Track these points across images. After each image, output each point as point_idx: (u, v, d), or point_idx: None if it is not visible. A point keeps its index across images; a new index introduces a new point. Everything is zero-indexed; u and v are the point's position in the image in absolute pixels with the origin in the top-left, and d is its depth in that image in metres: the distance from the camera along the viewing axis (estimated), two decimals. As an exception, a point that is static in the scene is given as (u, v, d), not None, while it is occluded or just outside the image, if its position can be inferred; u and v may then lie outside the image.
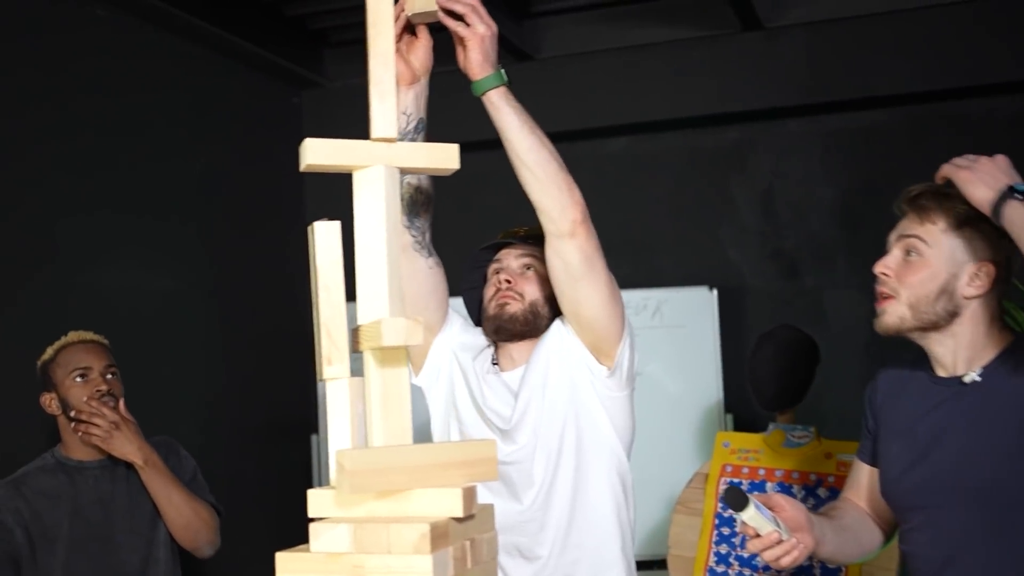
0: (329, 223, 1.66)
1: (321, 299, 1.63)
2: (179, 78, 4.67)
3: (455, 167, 1.70)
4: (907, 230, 1.95)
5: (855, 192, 4.96)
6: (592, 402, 2.26)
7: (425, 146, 1.67)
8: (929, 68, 4.70)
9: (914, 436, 1.96)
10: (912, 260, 1.93)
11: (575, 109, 5.17)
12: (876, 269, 1.97)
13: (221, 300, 4.83)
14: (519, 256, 2.38)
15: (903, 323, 1.93)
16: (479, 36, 1.97)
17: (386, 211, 1.62)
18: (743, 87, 4.96)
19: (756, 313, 5.02)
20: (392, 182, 1.64)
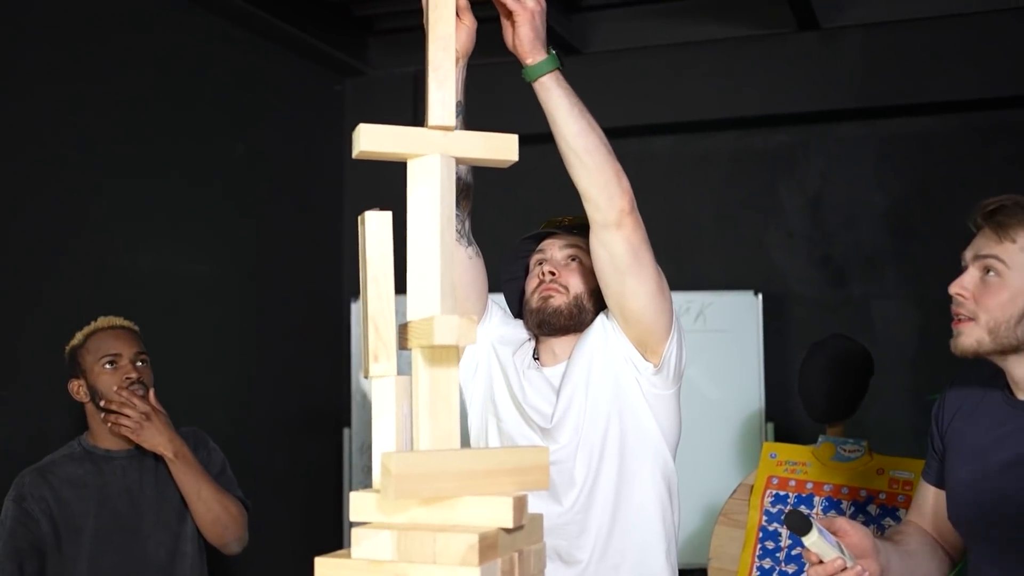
0: (381, 213, 1.58)
1: (370, 292, 1.55)
2: (222, 61, 4.63)
3: (514, 159, 1.62)
4: (984, 249, 1.84)
5: (907, 200, 4.84)
6: (637, 400, 2.18)
7: (484, 136, 1.59)
8: (988, 75, 4.58)
9: (986, 461, 1.86)
10: (990, 281, 1.82)
11: (622, 106, 5.07)
12: (952, 290, 1.86)
13: (256, 287, 4.78)
14: (564, 247, 2.31)
15: (980, 346, 1.83)
16: (529, 11, 1.89)
17: (441, 203, 1.54)
18: (796, 88, 4.85)
19: (801, 320, 4.91)
20: (448, 173, 1.56)
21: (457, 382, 1.49)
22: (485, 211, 2.65)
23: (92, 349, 2.72)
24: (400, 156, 1.57)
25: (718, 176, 5.11)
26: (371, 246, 1.57)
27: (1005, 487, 1.82)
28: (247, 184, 4.76)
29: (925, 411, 4.57)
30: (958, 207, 4.76)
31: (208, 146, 4.51)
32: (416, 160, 1.56)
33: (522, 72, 1.92)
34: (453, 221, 1.59)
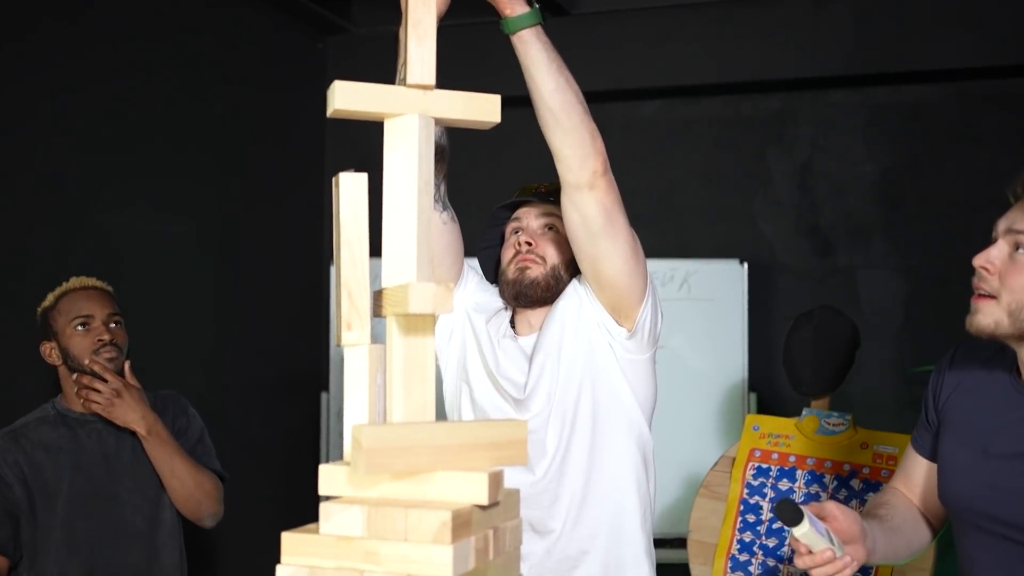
0: (355, 174, 1.52)
1: (343, 257, 1.49)
2: (200, 17, 4.51)
3: (496, 120, 1.55)
4: (1019, 223, 1.73)
5: (897, 170, 4.78)
6: (611, 366, 2.14)
7: (464, 95, 1.52)
8: (982, 44, 4.51)
9: (988, 447, 1.79)
10: (1019, 258, 1.70)
11: (609, 68, 5.00)
12: (977, 262, 1.74)
13: (235, 248, 4.70)
14: (540, 215, 2.26)
15: (998, 328, 1.72)
16: None
17: (419, 165, 1.47)
18: (787, 54, 4.77)
19: (786, 290, 4.86)
20: (427, 134, 1.49)
21: (433, 352, 1.44)
22: (462, 175, 2.58)
23: (64, 311, 2.65)
24: (377, 115, 1.50)
25: (706, 142, 5.04)
26: (345, 209, 1.50)
27: (1008, 479, 1.74)
28: (225, 144, 4.67)
29: (909, 383, 4.57)
30: (948, 178, 4.77)
31: (185, 104, 4.41)
32: (393, 120, 1.49)
33: (501, 24, 1.85)
34: (431, 185, 1.52)
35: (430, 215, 1.51)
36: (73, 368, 2.65)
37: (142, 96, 4.15)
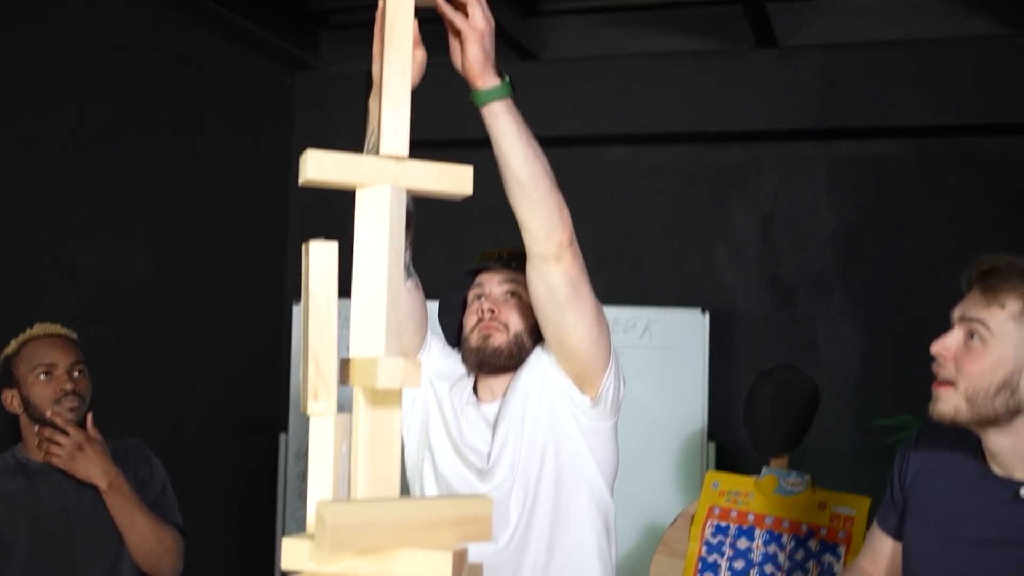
0: (325, 243, 1.51)
1: (312, 326, 1.47)
2: (167, 52, 4.49)
3: (468, 192, 1.55)
4: (971, 311, 1.77)
5: (858, 223, 4.84)
6: (573, 434, 2.14)
7: (437, 166, 1.52)
8: (943, 102, 4.59)
9: (954, 531, 1.81)
10: (974, 346, 1.74)
11: (576, 114, 5.03)
12: (933, 349, 1.79)
13: (196, 286, 4.66)
14: (502, 282, 2.25)
15: (958, 414, 1.75)
16: (479, 31, 1.79)
17: (390, 236, 1.46)
18: (752, 105, 4.82)
19: (747, 339, 4.89)
20: (398, 204, 1.49)
21: (399, 425, 1.43)
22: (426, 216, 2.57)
23: (26, 358, 2.60)
24: (349, 185, 1.50)
25: (670, 190, 5.07)
26: (315, 278, 1.49)
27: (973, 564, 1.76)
28: (190, 180, 4.63)
29: (867, 435, 4.60)
30: (907, 232, 4.82)
31: (150, 140, 4.37)
32: (365, 190, 1.49)
33: (471, 95, 1.84)
34: (402, 255, 1.52)
35: (400, 286, 1.51)
36: (34, 418, 2.61)
37: (105, 129, 4.12)
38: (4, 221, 3.67)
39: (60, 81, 3.91)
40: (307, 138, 5.38)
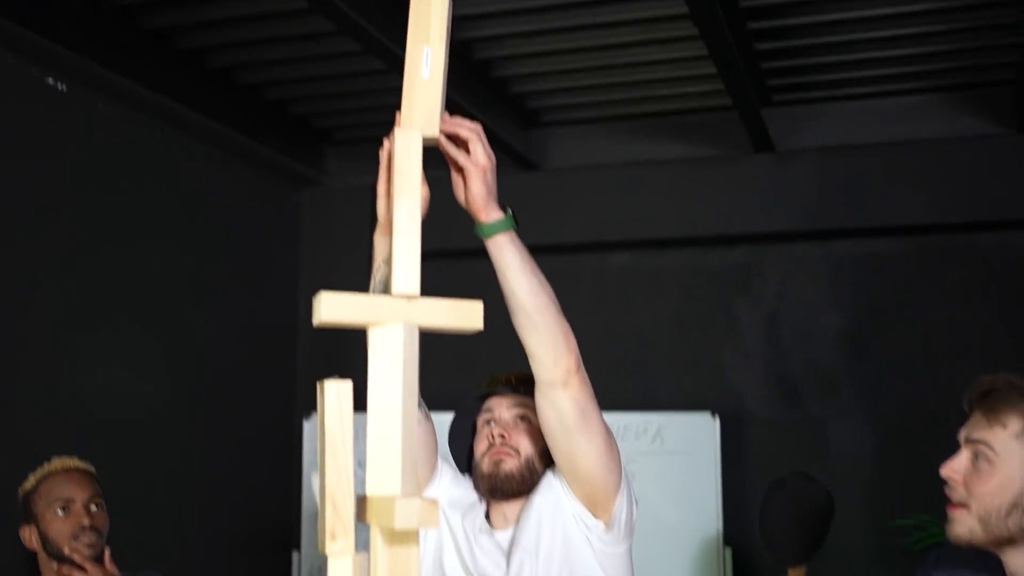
0: (340, 382, 1.54)
1: (328, 466, 1.49)
2: (176, 171, 4.59)
3: (479, 327, 1.58)
4: (975, 432, 1.79)
5: (861, 320, 4.87)
6: (588, 560, 2.12)
7: (447, 303, 1.55)
8: (941, 200, 4.65)
9: None
10: (981, 467, 1.76)
11: (580, 221, 5.10)
12: (943, 472, 1.80)
13: (206, 404, 4.68)
14: (511, 406, 2.25)
15: (973, 536, 1.75)
16: (480, 167, 1.83)
17: (404, 375, 1.49)
18: (751, 208, 4.89)
19: (758, 441, 4.88)
20: (411, 342, 1.52)
21: (417, 563, 1.44)
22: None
23: (44, 494, 2.61)
24: (362, 325, 1.53)
25: (675, 293, 5.12)
26: (330, 417, 1.51)
27: None
28: (199, 297, 4.69)
29: (885, 535, 4.56)
30: (910, 329, 4.84)
31: (158, 259, 4.44)
32: (378, 329, 1.52)
33: (475, 228, 1.88)
34: (416, 393, 1.54)
35: (414, 424, 1.53)
36: (52, 554, 2.60)
37: (113, 252, 4.19)
38: (16, 353, 3.70)
39: (70, 210, 3.99)
40: (313, 252, 5.45)
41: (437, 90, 1.66)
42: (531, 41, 4.19)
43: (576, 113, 5.03)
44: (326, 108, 5.04)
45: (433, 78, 1.66)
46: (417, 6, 1.68)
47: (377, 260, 1.92)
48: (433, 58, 1.66)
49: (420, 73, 1.65)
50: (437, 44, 1.66)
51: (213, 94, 4.51)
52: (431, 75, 1.65)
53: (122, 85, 4.02)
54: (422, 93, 1.64)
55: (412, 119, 1.63)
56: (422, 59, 1.65)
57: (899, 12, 3.87)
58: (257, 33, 4.13)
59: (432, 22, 1.66)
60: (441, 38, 1.66)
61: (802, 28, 4.01)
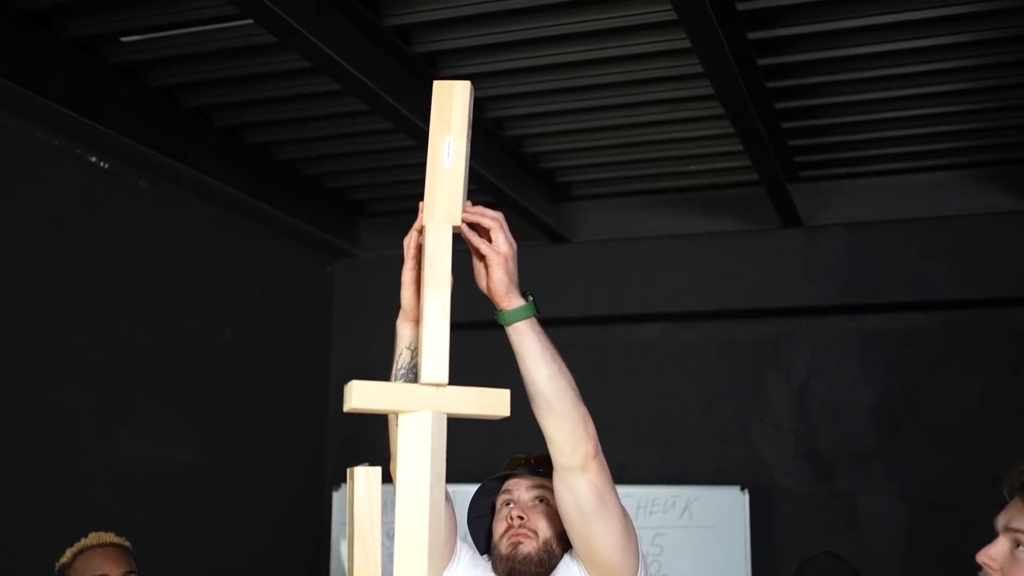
0: (370, 468, 1.58)
1: (356, 550, 1.54)
2: (211, 246, 4.68)
3: (505, 414, 1.62)
4: (1016, 521, 1.77)
5: (893, 395, 4.85)
6: None
7: (475, 391, 1.59)
8: (970, 276, 4.66)
9: None
10: (1020, 556, 1.75)
11: (609, 294, 5.14)
12: (979, 558, 1.78)
13: (238, 475, 4.72)
14: (530, 488, 2.26)
15: None
16: (502, 255, 1.85)
17: (431, 460, 1.53)
18: (780, 283, 4.92)
19: (788, 516, 4.86)
20: (439, 428, 1.56)
21: (442, 648, 1.46)
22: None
23: (80, 569, 2.65)
24: (392, 411, 1.58)
25: (704, 366, 5.13)
26: (359, 503, 1.56)
27: None
28: (233, 368, 4.75)
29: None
30: (942, 404, 4.82)
31: (194, 333, 4.52)
32: (408, 416, 1.56)
33: (496, 314, 1.91)
34: (443, 478, 1.58)
35: (441, 509, 1.56)
36: None
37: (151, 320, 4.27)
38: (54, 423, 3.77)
39: (109, 282, 4.08)
40: (346, 322, 5.52)
41: (459, 179, 1.70)
42: (561, 119, 4.27)
43: (606, 187, 5.09)
44: (360, 182, 5.13)
45: (455, 167, 1.70)
46: (439, 98, 1.72)
47: (399, 346, 1.95)
48: (455, 148, 1.70)
49: (442, 163, 1.69)
50: (459, 134, 1.71)
51: (251, 169, 4.61)
52: (453, 164, 1.69)
53: (162, 162, 4.13)
54: (444, 182, 1.68)
55: (435, 208, 1.67)
56: (444, 149, 1.70)
57: (924, 93, 3.91)
58: (293, 112, 4.23)
59: (454, 113, 1.71)
60: (463, 129, 1.71)
61: (828, 108, 4.07)
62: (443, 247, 1.62)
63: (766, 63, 3.63)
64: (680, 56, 3.58)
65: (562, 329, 5.24)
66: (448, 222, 1.65)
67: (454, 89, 1.71)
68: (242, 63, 3.79)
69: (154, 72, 3.88)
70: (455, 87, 1.71)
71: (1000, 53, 3.59)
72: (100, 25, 3.50)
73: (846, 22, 3.41)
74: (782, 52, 3.60)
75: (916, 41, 3.52)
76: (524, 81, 3.92)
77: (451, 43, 3.61)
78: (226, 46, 3.64)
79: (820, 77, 3.80)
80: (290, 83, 3.96)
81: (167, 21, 3.46)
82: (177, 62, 3.79)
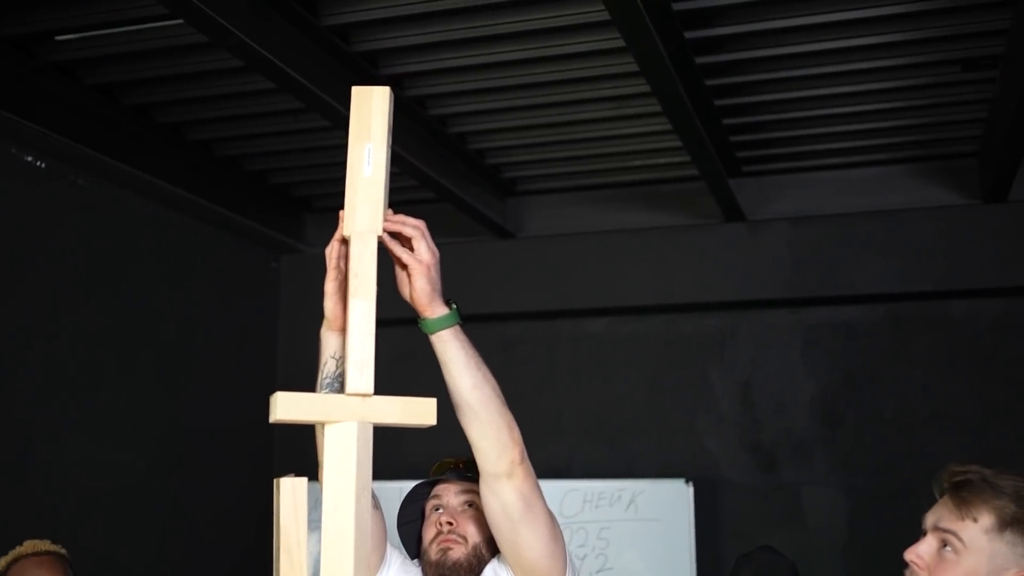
0: (296, 479, 1.58)
1: (282, 562, 1.54)
2: (155, 244, 4.64)
3: (432, 423, 1.62)
4: (944, 521, 1.80)
5: (835, 387, 4.92)
6: None
7: (400, 401, 1.59)
8: (911, 269, 4.73)
9: None
10: (947, 556, 1.77)
11: (555, 289, 5.16)
12: (907, 556, 1.81)
13: (183, 474, 4.68)
14: (459, 492, 2.27)
15: None
16: (424, 264, 1.84)
17: (357, 472, 1.54)
18: (725, 276, 4.96)
19: (732, 507, 4.91)
20: (365, 439, 1.56)
21: (368, 658, 1.47)
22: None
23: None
24: (318, 422, 1.58)
25: (650, 360, 5.16)
26: (285, 515, 1.55)
27: None
28: (178, 366, 4.72)
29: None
30: (883, 396, 4.89)
31: (139, 329, 4.47)
32: (333, 426, 1.56)
33: (419, 323, 1.91)
34: (369, 488, 1.58)
35: (368, 519, 1.57)
36: None
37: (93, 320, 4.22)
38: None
39: (48, 281, 4.03)
40: (292, 317, 5.49)
41: (380, 187, 1.66)
42: (505, 116, 4.28)
43: (551, 183, 5.10)
44: (304, 178, 5.11)
45: (376, 175, 1.66)
46: (358, 104, 1.68)
47: (324, 355, 1.95)
48: (375, 156, 1.67)
49: (363, 171, 1.66)
50: (379, 141, 1.67)
51: (193, 166, 4.58)
52: (374, 172, 1.66)
53: (100, 161, 4.09)
54: (366, 191, 1.65)
55: (356, 218, 1.64)
56: (364, 157, 1.66)
57: (863, 90, 3.96)
58: (236, 109, 4.20)
59: (374, 120, 1.68)
60: (383, 135, 1.68)
61: (769, 104, 4.11)
62: (368, 257, 1.61)
63: (705, 61, 3.66)
64: (619, 54, 3.60)
65: (509, 324, 5.27)
66: (372, 232, 1.64)
67: (373, 95, 1.68)
68: (182, 61, 3.75)
69: (91, 70, 3.84)
70: (374, 93, 1.68)
71: (933, 52, 3.65)
72: (34, 23, 3.46)
73: (783, 21, 3.45)
74: (721, 51, 3.63)
75: (853, 40, 3.57)
76: (466, 79, 3.92)
77: (392, 42, 3.60)
78: (165, 44, 3.61)
79: (760, 75, 3.84)
80: (231, 80, 3.93)
81: (103, 20, 3.43)
82: (115, 60, 3.75)
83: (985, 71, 3.77)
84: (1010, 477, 1.78)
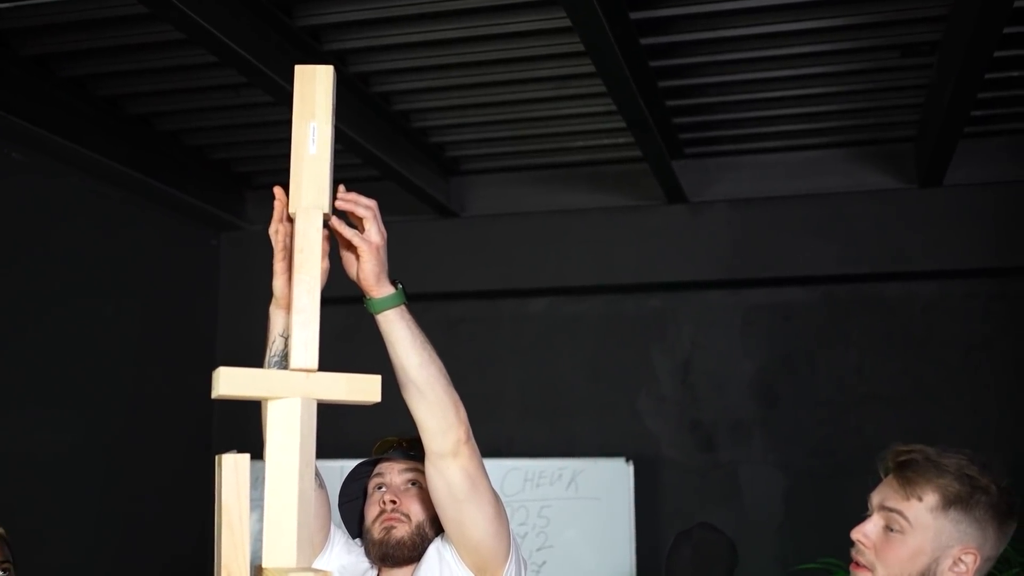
0: (238, 456, 1.57)
1: (224, 539, 1.53)
2: (94, 220, 4.57)
3: (376, 399, 1.62)
4: (889, 501, 1.83)
5: (773, 368, 4.99)
6: None
7: (345, 377, 1.59)
8: (848, 251, 4.80)
9: None
10: (893, 536, 1.80)
11: (498, 268, 5.17)
12: (853, 535, 1.83)
13: (124, 454, 4.63)
14: (403, 471, 2.26)
15: None
16: (373, 245, 1.83)
17: (301, 448, 1.53)
18: (666, 257, 5.00)
19: (672, 486, 4.96)
20: (309, 415, 1.56)
21: (310, 633, 1.47)
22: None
23: None
24: (261, 398, 1.57)
25: (591, 339, 5.20)
26: (227, 492, 1.54)
27: None
28: (115, 345, 4.65)
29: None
30: (821, 375, 4.98)
31: (74, 309, 4.40)
32: (277, 402, 1.55)
33: (365, 303, 1.91)
34: (312, 465, 1.58)
35: (311, 496, 1.56)
36: None
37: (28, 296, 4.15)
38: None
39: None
40: (232, 294, 5.44)
41: (325, 165, 1.66)
42: (448, 94, 4.26)
43: (494, 162, 5.10)
44: (246, 154, 5.06)
45: (320, 153, 1.65)
46: (302, 83, 1.68)
47: (272, 333, 1.94)
48: (320, 133, 1.66)
49: (307, 149, 1.65)
50: (323, 120, 1.66)
51: (132, 141, 4.50)
52: (319, 150, 1.65)
53: (36, 134, 4.01)
54: (310, 169, 1.64)
55: (301, 195, 1.64)
56: (309, 135, 1.65)
57: (803, 74, 4.00)
58: (176, 83, 4.14)
59: (317, 98, 1.67)
60: (327, 114, 1.67)
61: (711, 86, 4.14)
62: (313, 233, 1.61)
63: (649, 43, 3.67)
64: (564, 34, 3.60)
65: (452, 303, 5.27)
66: (317, 208, 1.63)
67: (316, 73, 1.67)
68: (120, 32, 3.68)
69: (25, 41, 3.76)
70: (317, 71, 1.67)
71: (872, 37, 3.70)
72: (-34, -8, 3.38)
73: (727, 4, 3.48)
74: (666, 32, 3.64)
75: (795, 24, 3.61)
76: (409, 56, 3.90)
77: (334, 16, 3.57)
78: (102, 15, 3.54)
79: (703, 57, 3.87)
80: (172, 53, 3.87)
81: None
82: (50, 31, 3.67)
83: (923, 57, 3.83)
84: (953, 456, 1.82)
